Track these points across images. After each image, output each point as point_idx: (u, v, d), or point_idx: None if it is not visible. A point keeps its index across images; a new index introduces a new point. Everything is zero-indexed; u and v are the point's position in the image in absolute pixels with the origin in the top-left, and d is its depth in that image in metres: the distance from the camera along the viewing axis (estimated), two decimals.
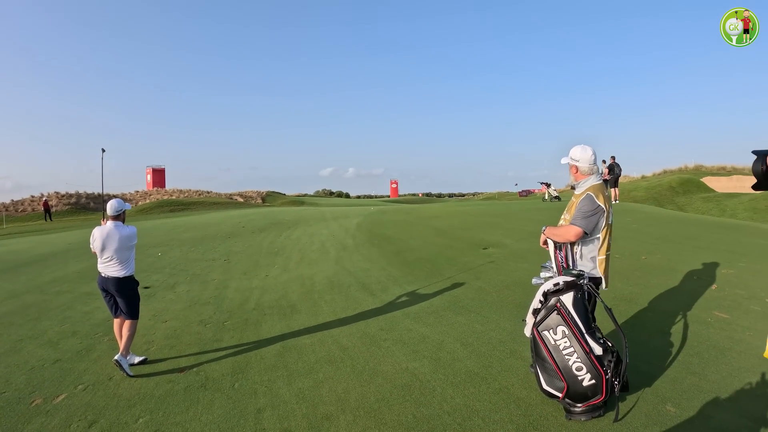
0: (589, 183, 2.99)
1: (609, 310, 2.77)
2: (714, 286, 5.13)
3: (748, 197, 18.29)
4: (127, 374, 3.85)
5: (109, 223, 4.07)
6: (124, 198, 35.76)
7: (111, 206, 4.11)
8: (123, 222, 4.19)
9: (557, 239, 2.97)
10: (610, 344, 2.69)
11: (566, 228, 2.91)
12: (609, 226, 2.92)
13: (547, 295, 2.77)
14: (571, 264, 2.96)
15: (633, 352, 3.47)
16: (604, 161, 15.27)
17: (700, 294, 4.92)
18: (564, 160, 3.14)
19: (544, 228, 3.13)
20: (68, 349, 4.66)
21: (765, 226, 10.07)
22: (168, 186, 51.65)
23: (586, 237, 2.89)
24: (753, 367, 3.23)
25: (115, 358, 3.88)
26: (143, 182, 54.01)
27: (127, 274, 4.05)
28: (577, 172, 3.05)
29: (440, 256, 8.11)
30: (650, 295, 4.97)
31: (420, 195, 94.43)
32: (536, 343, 2.77)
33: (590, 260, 2.94)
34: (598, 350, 2.62)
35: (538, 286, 2.96)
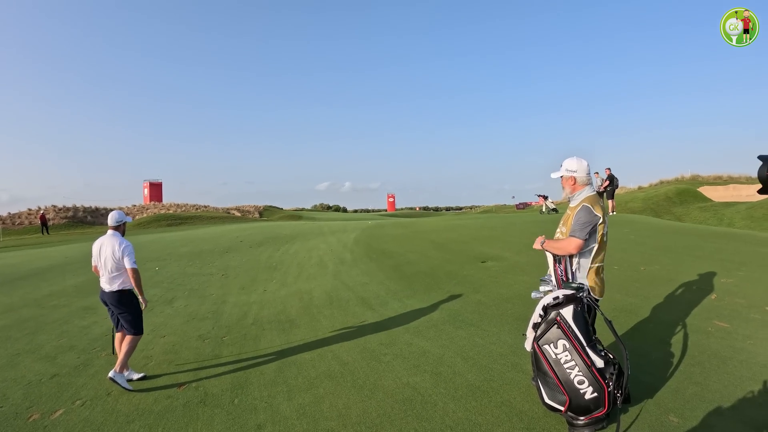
0: (584, 194, 3.00)
1: (609, 322, 2.77)
2: (713, 296, 5.15)
3: (745, 206, 18.40)
4: (125, 389, 3.81)
5: (108, 233, 4.09)
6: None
7: (111, 217, 4.14)
8: (122, 234, 4.19)
9: (558, 252, 2.96)
10: (612, 356, 2.68)
11: (567, 241, 2.91)
12: (603, 236, 2.93)
13: (546, 309, 2.77)
14: (570, 277, 2.96)
15: (634, 363, 3.47)
16: (597, 173, 15.42)
17: (699, 304, 4.93)
18: (555, 175, 3.12)
19: (543, 241, 3.13)
20: (66, 363, 4.62)
21: (763, 235, 10.11)
22: (165, 200, 51.57)
23: (584, 248, 2.90)
24: (755, 375, 3.24)
25: (109, 375, 3.83)
26: (140, 196, 53.88)
27: (122, 288, 4.02)
28: (575, 183, 3.04)
29: (439, 269, 8.11)
30: (650, 306, 4.98)
31: (417, 209, 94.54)
32: (537, 358, 2.76)
33: (587, 271, 2.95)
34: (599, 363, 2.62)
35: (538, 299, 2.96)
